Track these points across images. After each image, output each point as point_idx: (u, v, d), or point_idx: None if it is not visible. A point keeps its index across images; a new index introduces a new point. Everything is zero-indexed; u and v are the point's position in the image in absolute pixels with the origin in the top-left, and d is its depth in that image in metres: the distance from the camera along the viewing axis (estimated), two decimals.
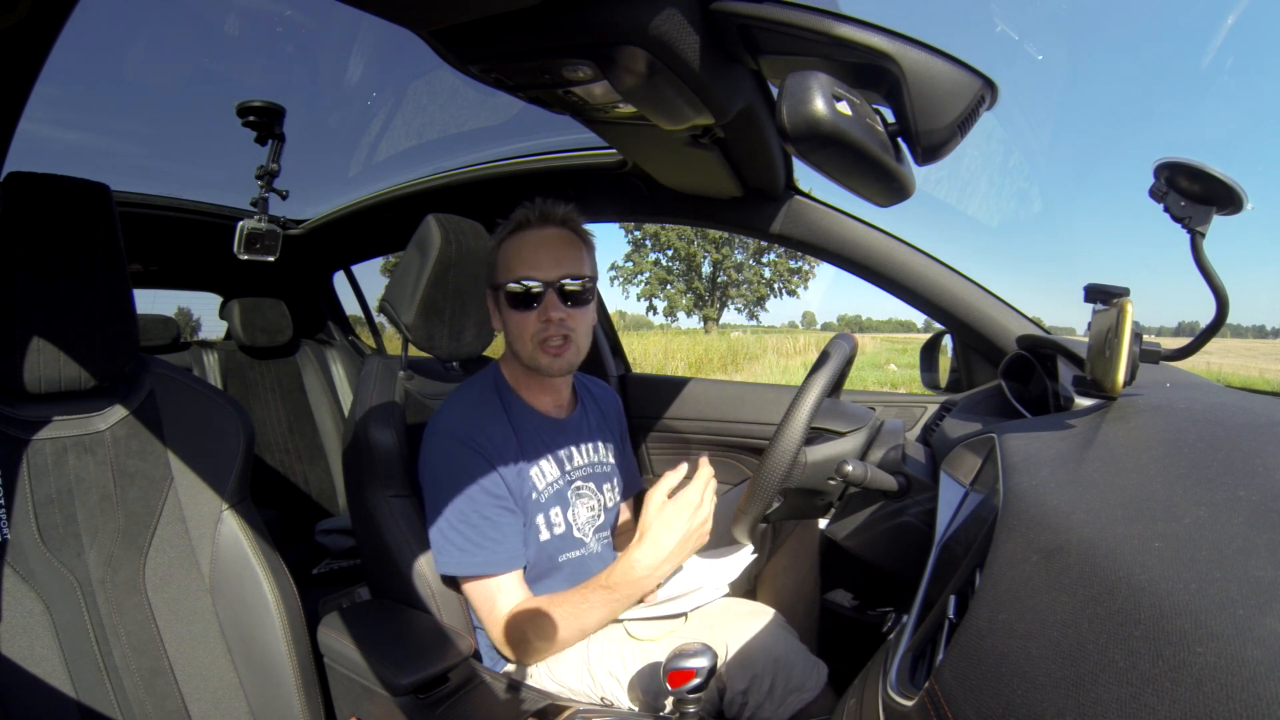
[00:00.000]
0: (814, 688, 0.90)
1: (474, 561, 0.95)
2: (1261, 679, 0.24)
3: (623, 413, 1.28)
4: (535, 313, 0.97)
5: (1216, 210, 0.59)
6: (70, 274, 0.85)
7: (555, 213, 1.00)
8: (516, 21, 0.70)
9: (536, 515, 1.01)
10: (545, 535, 1.02)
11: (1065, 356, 0.93)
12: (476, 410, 1.01)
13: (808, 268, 32.40)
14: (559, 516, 1.04)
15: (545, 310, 0.97)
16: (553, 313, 0.97)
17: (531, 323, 0.98)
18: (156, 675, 0.88)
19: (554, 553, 1.03)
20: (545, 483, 1.03)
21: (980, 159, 4.24)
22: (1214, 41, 48.43)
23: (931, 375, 1.44)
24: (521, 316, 0.98)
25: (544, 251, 0.97)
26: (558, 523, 1.03)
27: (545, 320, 0.97)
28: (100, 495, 0.88)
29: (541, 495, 1.02)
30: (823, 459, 0.85)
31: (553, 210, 1.00)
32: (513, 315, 0.99)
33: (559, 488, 1.05)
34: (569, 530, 1.05)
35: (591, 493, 1.11)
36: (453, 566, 0.96)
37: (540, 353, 0.99)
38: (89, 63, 1.68)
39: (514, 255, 0.98)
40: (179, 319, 2.46)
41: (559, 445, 1.07)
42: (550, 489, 1.04)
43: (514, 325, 1.00)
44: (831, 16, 0.65)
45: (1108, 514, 0.40)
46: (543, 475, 1.03)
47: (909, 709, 0.41)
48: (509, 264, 0.98)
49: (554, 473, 1.05)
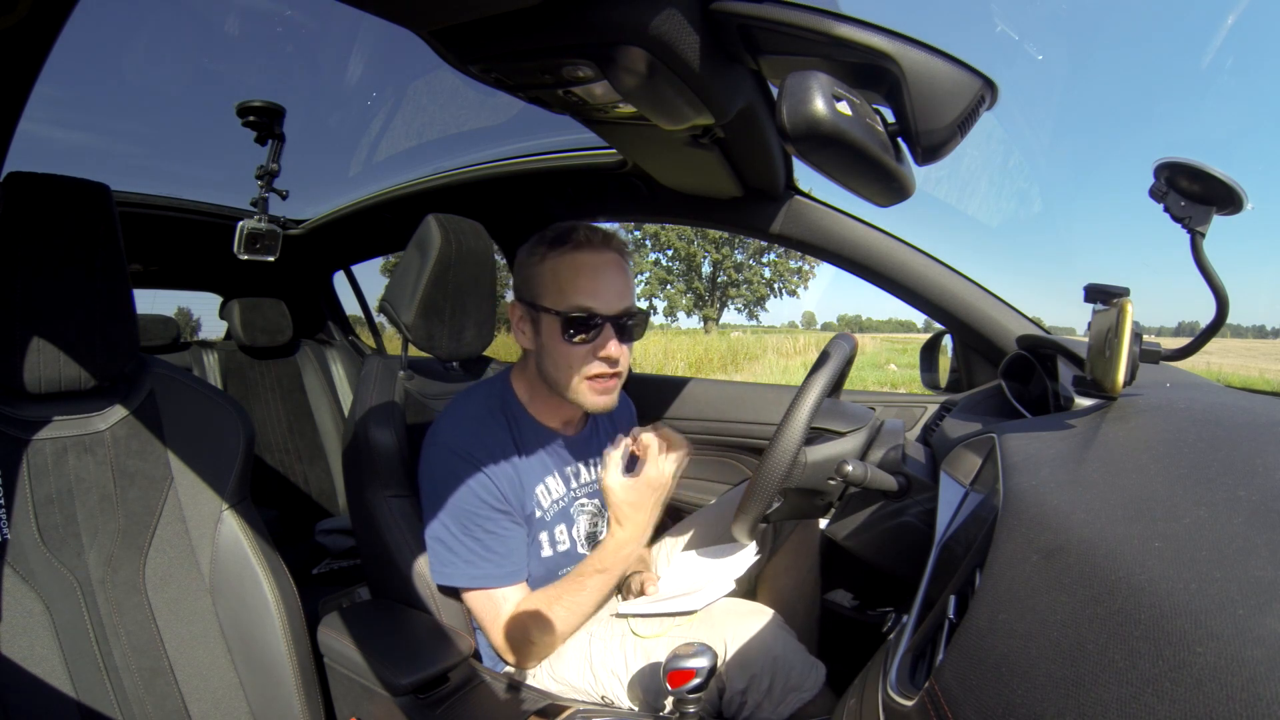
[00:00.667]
0: (812, 687, 0.90)
1: (478, 574, 0.94)
2: (1261, 679, 0.24)
3: (635, 418, 1.27)
4: (591, 346, 0.92)
5: (1216, 210, 0.59)
6: (70, 274, 0.85)
7: (615, 240, 0.95)
8: (516, 21, 0.70)
9: (540, 532, 1.01)
10: (548, 552, 1.02)
11: (1065, 356, 0.93)
12: (478, 425, 0.98)
13: (808, 268, 32.42)
14: (563, 534, 1.04)
15: (604, 345, 0.92)
16: (612, 349, 0.93)
17: (585, 356, 0.93)
18: (156, 675, 0.88)
19: (554, 568, 1.03)
20: (550, 500, 1.02)
21: (980, 159, 4.25)
22: (1214, 41, 48.48)
23: (931, 375, 1.44)
24: (573, 348, 0.92)
25: (606, 280, 0.92)
26: (561, 540, 1.03)
27: (603, 356, 0.93)
28: (100, 495, 0.88)
29: (546, 513, 1.02)
30: (823, 459, 0.85)
31: (611, 235, 0.95)
32: (563, 344, 0.93)
33: (563, 505, 1.04)
34: (572, 547, 1.05)
35: (596, 510, 1.10)
36: (457, 579, 0.95)
37: (588, 388, 0.95)
38: (89, 63, 1.68)
39: (571, 278, 0.91)
40: (179, 319, 2.45)
41: (566, 462, 1.06)
42: (555, 506, 1.03)
43: (562, 355, 0.93)
44: (831, 16, 0.65)
45: (1108, 514, 0.40)
46: (548, 493, 1.02)
47: (909, 709, 0.41)
48: (564, 287, 0.91)
49: (559, 490, 1.04)
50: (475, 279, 1.17)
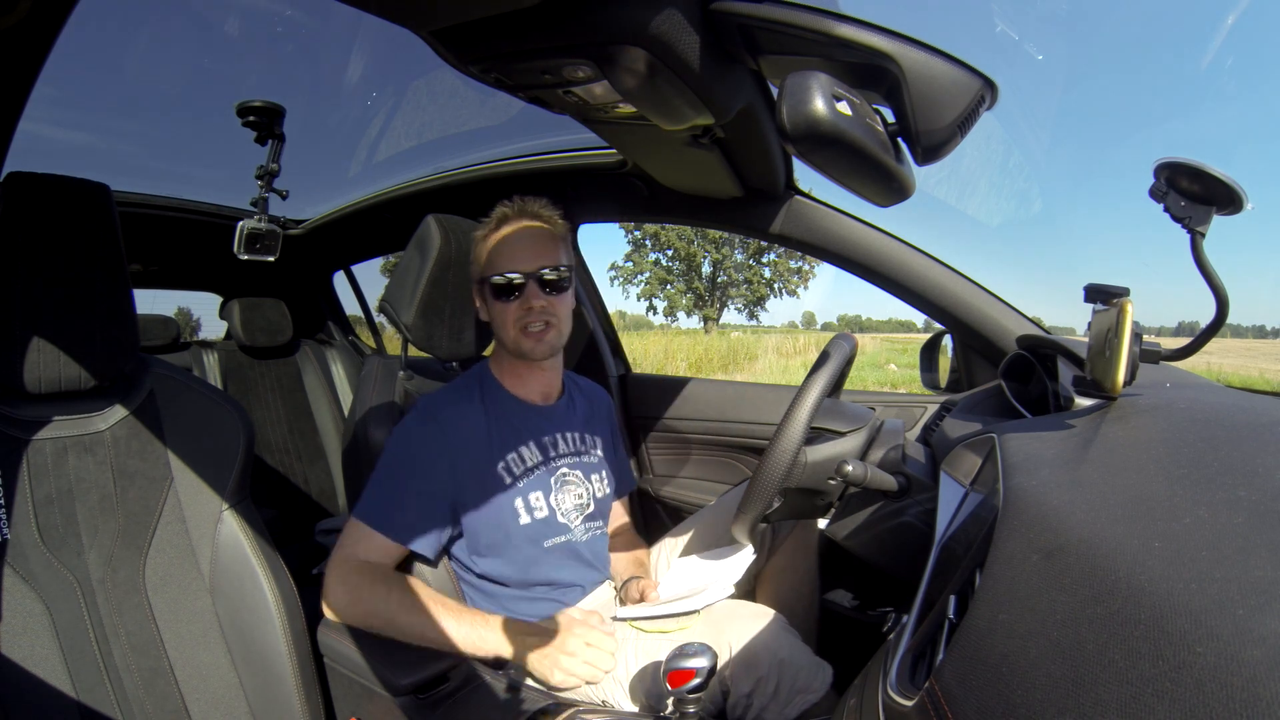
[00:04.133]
0: (819, 689, 0.90)
1: (369, 510, 0.97)
2: (1261, 679, 0.24)
3: (614, 412, 1.28)
4: (517, 302, 1.03)
5: (1216, 210, 0.59)
6: (70, 274, 0.85)
7: (531, 208, 1.07)
8: (516, 21, 0.70)
9: (514, 499, 1.02)
10: (525, 519, 1.03)
11: (1065, 356, 0.93)
12: (450, 393, 1.07)
13: (808, 268, 32.38)
14: (540, 500, 1.05)
15: (527, 299, 1.03)
16: (534, 301, 1.03)
17: (514, 311, 1.03)
18: (156, 675, 0.88)
19: (536, 537, 1.04)
20: (524, 466, 1.05)
21: (980, 159, 4.24)
22: (1214, 42, 48.51)
23: (931, 375, 1.44)
24: (504, 306, 1.04)
25: (522, 245, 1.04)
26: (538, 507, 1.04)
27: (527, 309, 1.03)
28: (100, 495, 0.88)
29: (520, 479, 1.04)
30: (823, 459, 0.85)
31: (529, 205, 1.07)
32: (496, 305, 1.05)
33: (540, 473, 1.06)
34: (552, 515, 1.06)
35: (579, 480, 1.11)
36: (356, 509, 0.98)
37: (523, 338, 1.04)
38: (89, 63, 1.68)
39: (495, 250, 1.05)
40: (179, 319, 2.46)
41: (543, 431, 1.10)
42: (530, 473, 1.05)
43: (498, 314, 1.05)
44: (831, 16, 0.65)
45: (1108, 514, 0.40)
46: (521, 460, 1.05)
47: (909, 709, 0.41)
48: (491, 258, 1.05)
49: (535, 457, 1.07)
50: None
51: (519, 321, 1.03)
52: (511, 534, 1.01)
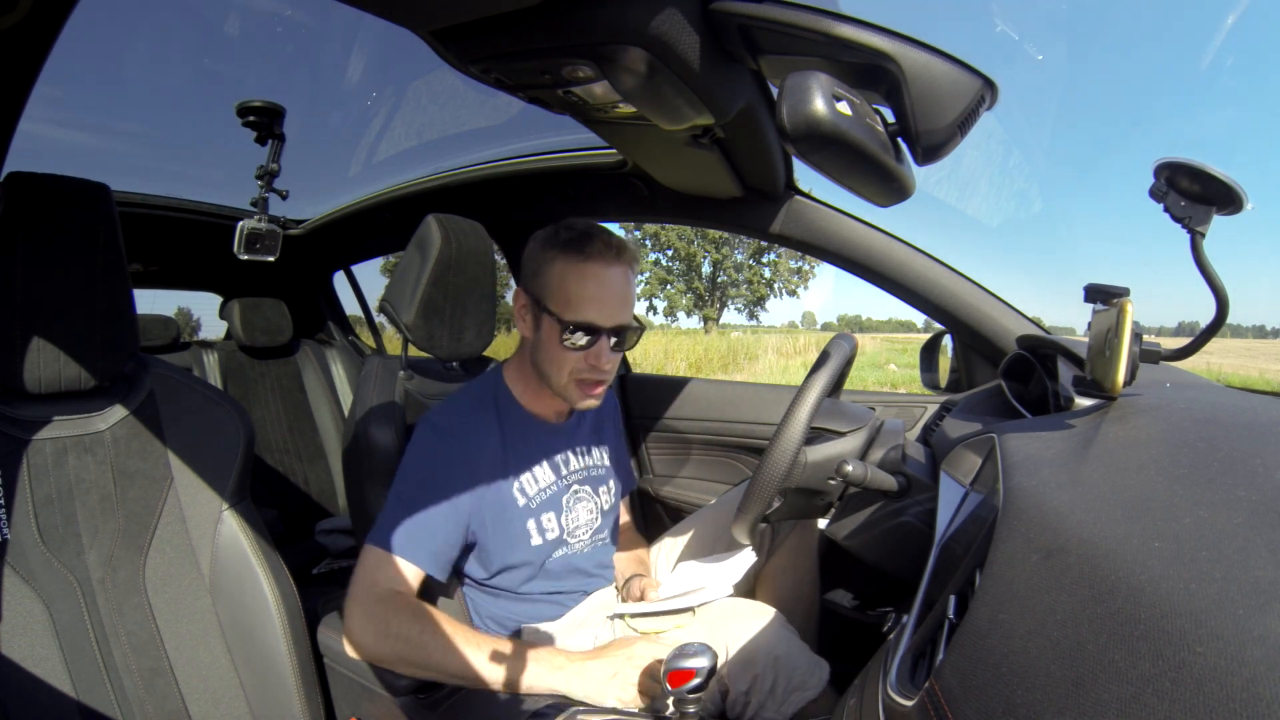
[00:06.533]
0: (816, 686, 0.90)
1: (390, 535, 0.88)
2: (1261, 679, 0.24)
3: (618, 411, 1.28)
4: (584, 354, 0.94)
5: (1216, 210, 0.59)
6: (70, 274, 0.85)
7: (627, 250, 0.96)
8: (516, 21, 0.70)
9: (527, 520, 1.00)
10: (537, 540, 1.01)
11: (1065, 356, 0.93)
12: (467, 410, 1.00)
13: (808, 268, 32.38)
14: (551, 521, 1.03)
15: (597, 355, 0.95)
16: (604, 361, 0.95)
17: (577, 360, 0.95)
18: (156, 675, 0.88)
19: (544, 555, 1.03)
20: (538, 488, 1.03)
21: (980, 159, 4.24)
22: (1214, 41, 48.45)
23: (931, 375, 1.44)
24: (569, 354, 0.95)
25: (610, 293, 0.94)
26: (550, 528, 1.03)
27: (592, 364, 0.95)
28: (100, 495, 0.88)
29: (533, 500, 1.02)
30: (823, 459, 0.85)
31: (625, 246, 0.96)
32: (557, 347, 0.95)
33: (553, 492, 1.04)
34: (562, 534, 1.05)
35: (589, 496, 1.10)
36: (371, 535, 0.90)
37: (574, 387, 0.97)
38: (89, 63, 1.68)
39: (578, 288, 0.92)
40: (179, 319, 2.46)
41: (555, 450, 1.07)
42: (543, 494, 1.03)
43: (557, 355, 0.95)
44: (831, 16, 0.65)
45: (1108, 514, 0.40)
46: (535, 480, 1.02)
47: (909, 709, 0.41)
48: (569, 294, 0.93)
49: (548, 478, 1.05)
50: (475, 279, 1.17)
51: (576, 372, 0.95)
52: (521, 553, 1.00)
